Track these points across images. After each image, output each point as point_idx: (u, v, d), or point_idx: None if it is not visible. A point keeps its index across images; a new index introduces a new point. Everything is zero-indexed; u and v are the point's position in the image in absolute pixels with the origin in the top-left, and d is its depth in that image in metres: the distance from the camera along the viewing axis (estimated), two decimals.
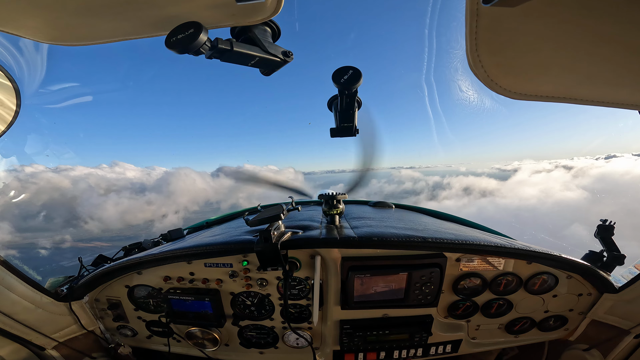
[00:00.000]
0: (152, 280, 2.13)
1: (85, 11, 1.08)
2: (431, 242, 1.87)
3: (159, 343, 2.40)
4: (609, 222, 2.11)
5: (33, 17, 1.11)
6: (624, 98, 1.00)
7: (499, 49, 0.92)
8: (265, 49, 1.30)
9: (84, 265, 2.31)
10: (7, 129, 1.67)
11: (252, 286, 2.09)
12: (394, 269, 1.91)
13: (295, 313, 2.21)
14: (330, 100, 1.78)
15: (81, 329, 2.20)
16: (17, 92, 1.62)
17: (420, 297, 1.99)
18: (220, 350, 2.31)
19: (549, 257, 1.97)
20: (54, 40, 1.23)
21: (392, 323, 2.16)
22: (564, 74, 0.97)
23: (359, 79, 1.42)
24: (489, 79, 0.98)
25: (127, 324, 2.33)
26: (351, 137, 1.76)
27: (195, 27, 1.07)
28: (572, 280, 2.09)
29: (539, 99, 1.04)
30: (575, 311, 2.22)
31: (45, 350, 2.04)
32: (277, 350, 2.33)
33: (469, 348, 2.34)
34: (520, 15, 0.82)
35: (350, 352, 2.24)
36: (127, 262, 2.03)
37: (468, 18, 0.86)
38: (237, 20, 1.18)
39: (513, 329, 2.29)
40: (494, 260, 2.02)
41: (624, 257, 2.04)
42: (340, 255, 1.95)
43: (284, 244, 1.84)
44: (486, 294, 2.12)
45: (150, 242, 2.74)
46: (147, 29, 1.18)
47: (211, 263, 2.03)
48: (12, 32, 1.16)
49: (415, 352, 2.27)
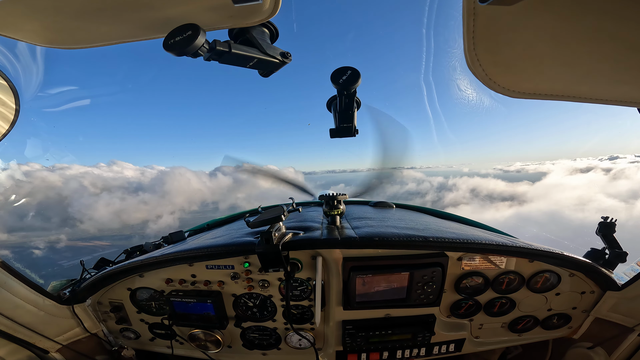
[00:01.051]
0: (154, 282, 2.14)
1: (83, 14, 1.08)
2: (433, 242, 1.87)
3: (162, 345, 2.40)
4: (611, 219, 2.10)
5: (31, 21, 1.11)
6: (622, 95, 0.99)
7: (496, 47, 0.92)
8: (263, 50, 1.30)
9: (86, 268, 2.32)
10: (7, 133, 1.68)
11: (254, 288, 2.09)
12: (396, 268, 1.91)
13: (297, 314, 2.21)
14: (329, 101, 1.78)
15: (84, 331, 2.20)
16: (16, 95, 1.62)
17: (422, 296, 1.99)
18: (223, 352, 2.32)
19: (550, 255, 1.97)
20: (52, 44, 1.23)
21: (394, 323, 2.16)
22: (562, 71, 0.96)
23: (358, 79, 1.41)
24: (487, 77, 0.98)
25: (130, 327, 2.33)
26: (351, 137, 1.76)
27: (193, 29, 1.07)
28: (575, 278, 2.08)
29: (537, 97, 1.04)
30: (578, 309, 2.21)
31: (49, 353, 2.05)
32: (279, 352, 2.33)
33: (473, 347, 2.33)
34: (518, 13, 0.82)
35: (353, 352, 2.24)
36: (129, 264, 2.04)
37: (465, 17, 0.86)
38: (234, 22, 1.18)
39: (516, 328, 2.29)
40: (495, 259, 2.01)
41: (626, 254, 2.03)
42: (341, 255, 1.95)
43: (285, 245, 1.84)
44: (488, 292, 2.12)
45: (152, 244, 2.74)
46: (145, 32, 1.18)
47: (213, 265, 2.03)
48: (9, 36, 1.17)
49: (419, 352, 2.26)
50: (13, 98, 1.63)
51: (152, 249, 2.65)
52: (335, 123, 1.74)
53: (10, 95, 1.61)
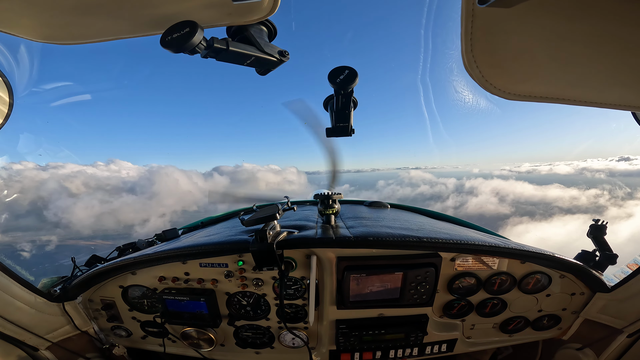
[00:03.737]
0: (147, 280, 2.12)
1: (80, 10, 1.07)
2: (426, 242, 1.88)
3: (154, 343, 2.38)
4: (602, 222, 2.13)
5: (27, 16, 1.10)
6: (617, 99, 1.01)
7: (494, 49, 0.92)
8: (261, 48, 1.30)
9: (77, 265, 2.29)
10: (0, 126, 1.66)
11: (247, 286, 2.08)
12: (390, 268, 1.92)
13: (291, 313, 2.21)
14: (326, 100, 1.79)
15: (75, 329, 2.18)
16: (9, 89, 1.61)
17: (415, 296, 2.00)
18: (216, 350, 2.31)
19: (542, 257, 1.99)
20: (48, 39, 1.22)
21: (387, 323, 2.17)
22: (559, 74, 0.98)
23: (355, 79, 1.42)
24: (483, 79, 0.99)
25: (122, 325, 2.31)
26: (347, 136, 1.77)
27: (190, 26, 1.07)
28: (565, 280, 2.11)
29: (533, 100, 1.05)
30: (568, 310, 2.24)
31: (38, 350, 2.02)
32: (273, 350, 2.33)
33: (464, 347, 2.35)
34: (516, 16, 0.83)
35: (346, 351, 2.25)
36: (121, 262, 2.02)
37: (463, 19, 0.87)
38: (233, 20, 1.18)
39: (507, 328, 2.31)
40: (488, 260, 2.03)
41: (616, 256, 2.06)
42: (335, 255, 1.95)
43: (280, 243, 1.84)
44: (481, 293, 2.14)
45: (145, 242, 2.72)
46: (142, 28, 1.17)
47: (206, 263, 2.02)
48: (5, 31, 1.15)
49: (411, 352, 2.27)
50: (7, 92, 1.61)
51: (145, 246, 2.63)
52: (331, 122, 1.74)
53: (4, 89, 1.59)
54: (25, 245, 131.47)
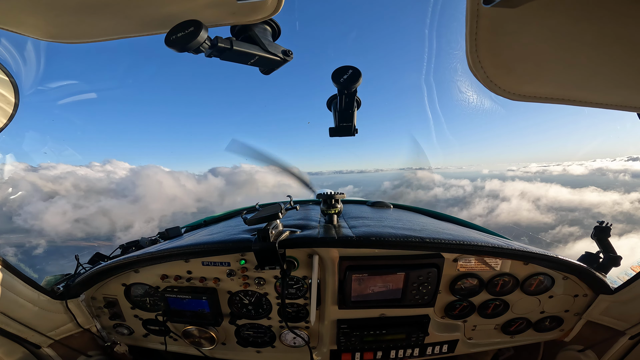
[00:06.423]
0: (149, 278, 2.13)
1: (85, 9, 1.07)
2: (429, 243, 1.87)
3: (155, 341, 2.39)
4: (606, 224, 2.12)
5: (32, 15, 1.10)
6: (622, 100, 1.00)
7: (499, 50, 0.92)
8: (265, 47, 1.30)
9: (81, 263, 2.30)
10: (4, 126, 1.67)
11: (249, 285, 2.09)
12: (392, 268, 1.92)
13: (292, 312, 2.21)
14: (329, 100, 1.78)
15: (77, 327, 2.19)
16: (15, 89, 1.61)
17: (417, 297, 2.00)
18: (217, 349, 2.31)
19: (545, 258, 1.98)
20: (53, 38, 1.22)
21: (389, 323, 2.17)
22: (564, 75, 0.97)
23: (359, 78, 1.41)
24: (488, 79, 0.98)
25: (124, 323, 2.32)
26: (350, 136, 1.76)
27: (195, 26, 1.07)
28: (568, 281, 2.10)
29: (539, 100, 1.05)
30: (571, 312, 2.23)
31: (40, 348, 2.03)
32: (274, 349, 2.33)
33: (466, 348, 2.35)
34: (521, 16, 0.82)
35: (347, 351, 2.25)
36: (124, 260, 2.03)
37: (468, 19, 0.86)
38: (237, 19, 1.18)
39: (509, 330, 2.30)
40: (491, 261, 2.03)
41: (620, 258, 2.05)
42: (338, 254, 1.95)
43: (282, 243, 1.84)
44: (483, 294, 2.13)
45: (148, 240, 2.73)
46: (147, 27, 1.17)
47: (209, 262, 2.03)
48: (11, 30, 1.16)
49: (412, 352, 2.27)
50: (12, 92, 1.61)
51: (148, 245, 2.64)
52: (334, 122, 1.74)
53: (9, 89, 1.60)
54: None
